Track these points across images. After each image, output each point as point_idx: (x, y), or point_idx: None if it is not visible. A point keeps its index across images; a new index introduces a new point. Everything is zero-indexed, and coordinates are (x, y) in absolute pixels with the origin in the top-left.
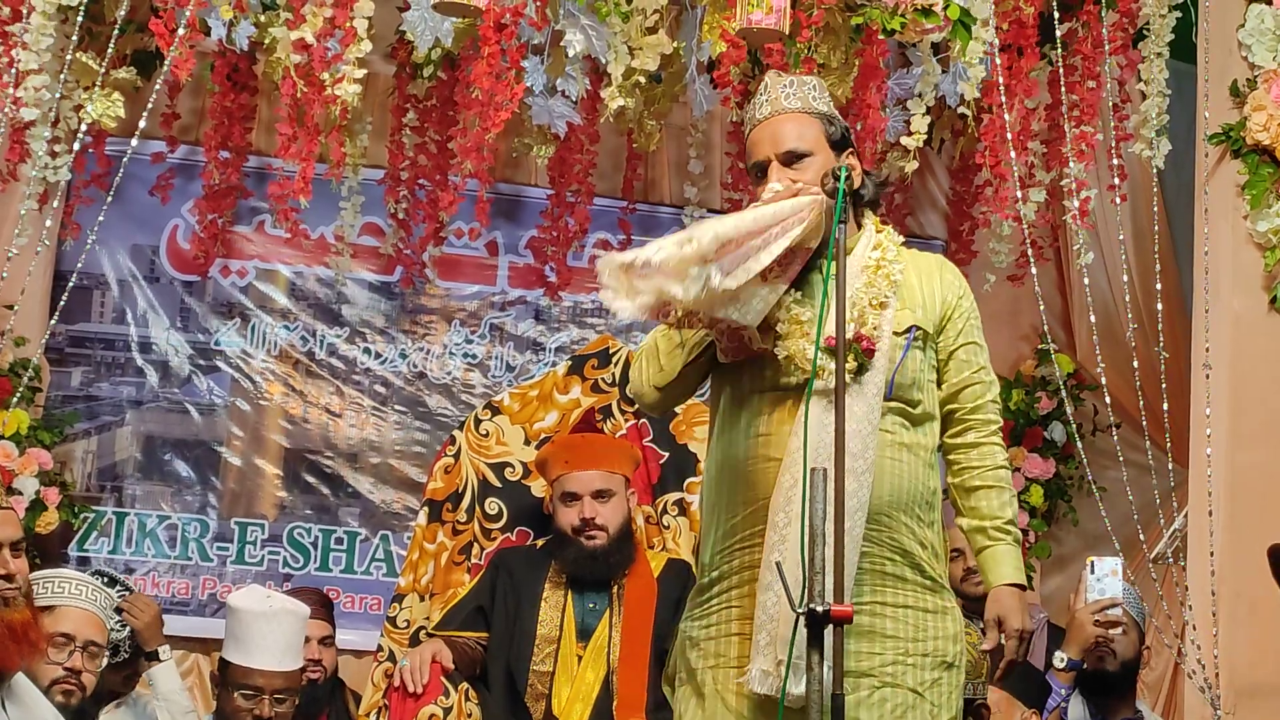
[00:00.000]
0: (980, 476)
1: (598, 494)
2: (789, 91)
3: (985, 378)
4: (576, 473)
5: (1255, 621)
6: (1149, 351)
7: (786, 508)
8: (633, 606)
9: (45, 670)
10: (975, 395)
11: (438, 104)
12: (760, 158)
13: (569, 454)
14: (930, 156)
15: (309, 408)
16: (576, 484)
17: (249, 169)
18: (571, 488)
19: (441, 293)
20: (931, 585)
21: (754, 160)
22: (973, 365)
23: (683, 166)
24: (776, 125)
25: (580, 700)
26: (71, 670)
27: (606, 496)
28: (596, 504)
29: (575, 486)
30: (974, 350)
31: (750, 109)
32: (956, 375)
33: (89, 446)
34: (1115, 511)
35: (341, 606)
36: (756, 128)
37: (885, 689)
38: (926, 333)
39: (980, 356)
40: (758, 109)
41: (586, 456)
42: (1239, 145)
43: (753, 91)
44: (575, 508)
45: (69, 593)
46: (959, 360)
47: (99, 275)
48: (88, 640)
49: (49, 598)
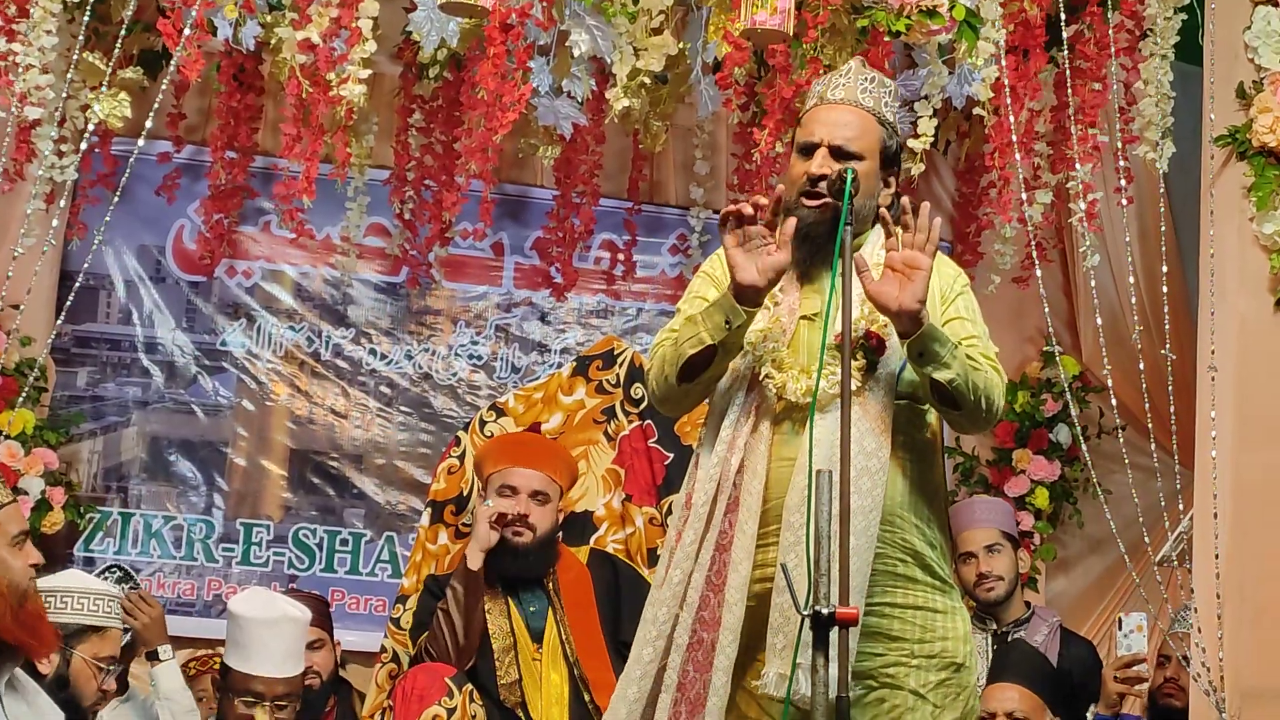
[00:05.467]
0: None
1: (535, 494)
2: (868, 88)
3: (977, 343)
4: (519, 469)
5: (1261, 624)
6: (1154, 354)
7: (801, 508)
8: (572, 597)
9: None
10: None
11: (443, 104)
12: (815, 139)
13: (515, 450)
14: (935, 158)
15: (314, 408)
16: (518, 479)
17: (255, 169)
18: (512, 481)
19: (447, 293)
20: (941, 586)
21: (806, 139)
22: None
23: (688, 167)
24: (843, 113)
25: (554, 702)
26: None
27: (543, 500)
28: (532, 503)
29: (516, 481)
30: (962, 324)
31: (822, 83)
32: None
33: (95, 447)
34: (1120, 514)
35: (346, 608)
36: (823, 106)
37: (884, 690)
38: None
39: (970, 328)
40: (831, 89)
41: (532, 456)
42: (1245, 147)
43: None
44: (510, 501)
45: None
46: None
47: (105, 275)
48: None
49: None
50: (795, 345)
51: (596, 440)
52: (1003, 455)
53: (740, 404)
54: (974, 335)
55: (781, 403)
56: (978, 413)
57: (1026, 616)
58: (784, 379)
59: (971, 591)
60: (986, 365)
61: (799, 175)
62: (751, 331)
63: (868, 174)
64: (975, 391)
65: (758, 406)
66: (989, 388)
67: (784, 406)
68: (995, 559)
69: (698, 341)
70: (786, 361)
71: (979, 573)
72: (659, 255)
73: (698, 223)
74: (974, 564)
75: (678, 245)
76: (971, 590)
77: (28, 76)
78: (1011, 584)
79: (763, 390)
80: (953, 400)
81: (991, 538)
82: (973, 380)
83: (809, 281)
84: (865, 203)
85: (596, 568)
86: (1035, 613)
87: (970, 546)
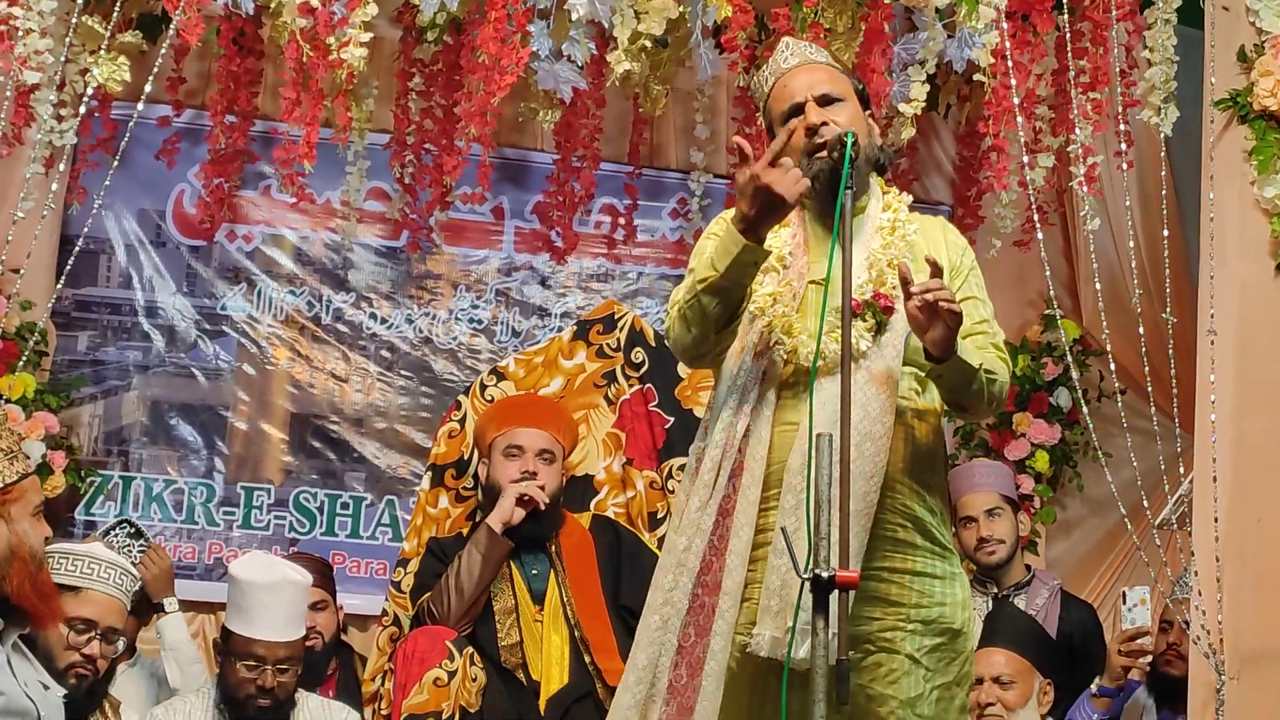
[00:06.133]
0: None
1: (542, 453)
2: (815, 49)
3: (988, 329)
4: (524, 429)
5: (1261, 587)
6: (1155, 317)
7: (802, 472)
8: (574, 560)
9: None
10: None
11: (443, 68)
12: (798, 99)
13: (519, 411)
14: (936, 122)
15: (315, 373)
16: (524, 439)
17: (255, 133)
18: (519, 441)
19: (447, 258)
20: (940, 551)
21: (790, 103)
22: (974, 318)
23: (689, 131)
24: (809, 71)
25: (555, 663)
26: (88, 657)
27: (549, 459)
28: (539, 462)
29: (523, 441)
30: (976, 305)
31: (771, 65)
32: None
33: (95, 411)
34: (1120, 477)
35: (347, 571)
36: (786, 75)
37: (880, 654)
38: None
39: (983, 310)
40: (783, 60)
41: (536, 416)
42: (1246, 111)
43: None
44: (518, 461)
45: (97, 576)
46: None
47: (105, 240)
48: (108, 627)
49: (75, 577)
50: (804, 310)
51: (597, 404)
52: (1003, 419)
53: (749, 370)
54: (985, 320)
55: (790, 367)
56: (983, 414)
57: (1027, 580)
58: (794, 344)
59: (972, 555)
60: (999, 366)
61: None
62: (760, 296)
63: (855, 116)
64: (990, 402)
65: (765, 372)
66: (1000, 391)
67: (792, 371)
68: (996, 523)
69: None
70: (796, 327)
71: (980, 537)
72: (659, 219)
73: (698, 187)
74: (975, 528)
75: (678, 209)
76: (972, 554)
77: (27, 40)
78: (1012, 547)
79: (771, 356)
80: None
81: (992, 502)
82: (988, 393)
83: (818, 244)
84: (868, 145)
85: (598, 532)
86: (1035, 576)
87: (971, 511)
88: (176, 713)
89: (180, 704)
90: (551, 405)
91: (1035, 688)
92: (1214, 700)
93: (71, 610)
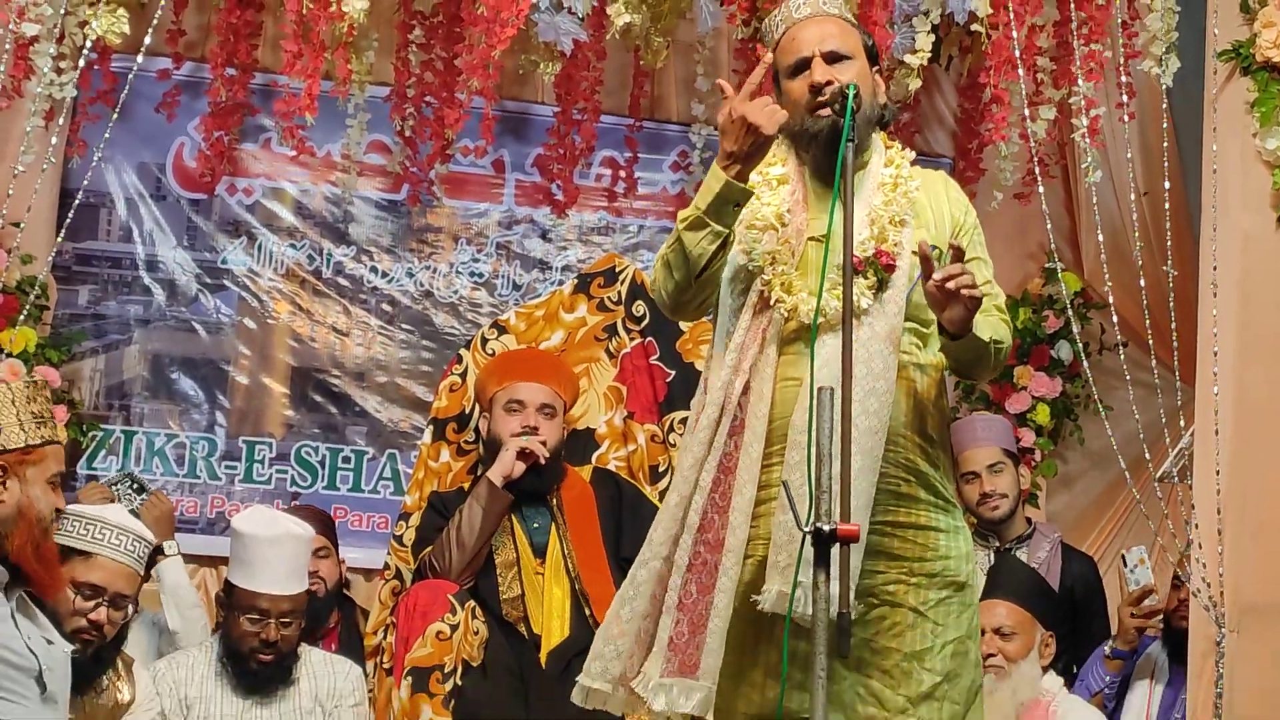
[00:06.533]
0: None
1: (543, 407)
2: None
3: (990, 290)
4: (525, 383)
5: (1261, 540)
6: (1156, 270)
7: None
8: (575, 513)
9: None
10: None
11: (444, 20)
12: (805, 53)
13: (519, 366)
14: (938, 74)
15: (316, 326)
16: (525, 393)
17: (255, 86)
18: (520, 396)
19: (448, 211)
20: (943, 505)
21: (797, 56)
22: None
23: (690, 83)
24: (820, 25)
25: (555, 617)
26: (94, 623)
27: (550, 413)
28: (540, 417)
29: (523, 395)
30: (979, 265)
31: (783, 11)
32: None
33: (96, 365)
34: (1121, 430)
35: (349, 525)
36: (796, 26)
37: (884, 607)
38: (940, 251)
39: (985, 271)
40: (794, 9)
41: (536, 370)
42: (1249, 62)
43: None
44: (519, 416)
45: (108, 542)
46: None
47: (105, 193)
48: (116, 593)
49: (86, 541)
50: (804, 267)
51: (598, 358)
52: (1004, 372)
53: (747, 327)
54: (988, 280)
55: (791, 323)
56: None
57: (1028, 533)
58: (794, 301)
59: (975, 510)
60: (1004, 332)
61: (799, 93)
62: (759, 254)
63: (862, 74)
64: (996, 368)
65: (765, 329)
66: (1003, 355)
67: (793, 328)
68: (999, 478)
69: (715, 236)
70: (796, 284)
71: (983, 492)
72: (660, 172)
73: (699, 139)
74: (978, 483)
75: (679, 162)
76: (975, 509)
77: None
78: (1015, 502)
79: (771, 313)
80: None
81: (994, 456)
82: (995, 361)
83: (818, 201)
84: (871, 103)
85: (599, 485)
86: (1036, 529)
87: (973, 466)
88: (180, 666)
89: (184, 658)
90: (552, 359)
91: (1037, 640)
92: (1214, 653)
93: (80, 575)
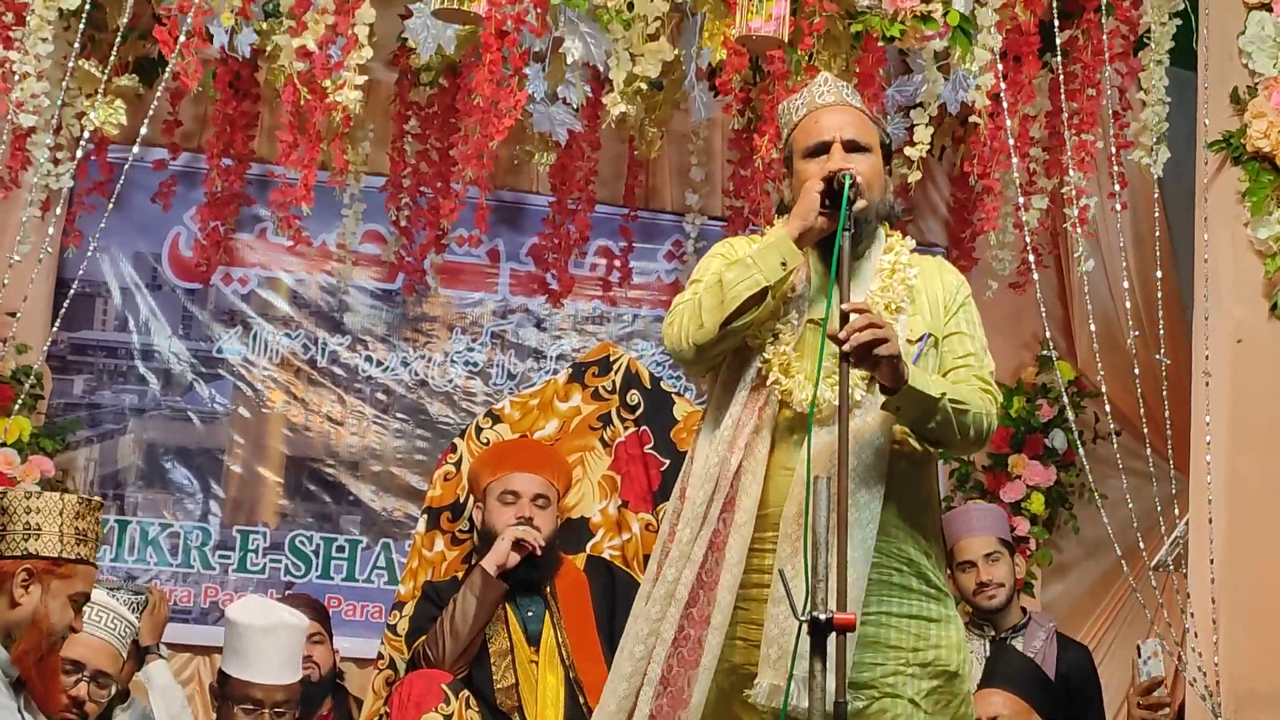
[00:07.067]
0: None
1: (537, 498)
2: (850, 92)
3: (972, 363)
4: (519, 474)
5: (1256, 628)
6: (1150, 359)
7: (798, 519)
8: (569, 602)
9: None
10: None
11: (439, 111)
12: (826, 137)
13: (512, 456)
14: (931, 163)
15: (311, 415)
16: (519, 484)
17: (251, 176)
18: (514, 486)
19: (443, 300)
20: (935, 594)
21: (817, 140)
22: (956, 353)
23: (684, 173)
24: (844, 113)
25: (550, 705)
26: (75, 699)
27: (544, 504)
28: (534, 507)
29: (518, 486)
30: (961, 340)
31: (805, 96)
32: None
33: (91, 454)
34: (1116, 519)
35: (343, 615)
36: (820, 110)
37: (885, 699)
38: (937, 339)
39: (969, 344)
40: (819, 95)
41: (530, 460)
42: (1239, 152)
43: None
44: (513, 507)
45: (89, 619)
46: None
47: (101, 283)
48: (97, 670)
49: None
50: (803, 349)
51: (592, 446)
52: (998, 460)
53: (743, 403)
54: (970, 353)
55: (786, 411)
56: (966, 447)
57: (1024, 622)
58: (790, 385)
59: (972, 599)
60: (975, 398)
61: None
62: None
63: (876, 169)
64: (966, 433)
65: (761, 408)
66: (976, 422)
67: (789, 417)
68: (995, 567)
69: (754, 283)
70: (794, 366)
71: (979, 581)
72: (655, 261)
73: (693, 229)
74: (974, 572)
75: (673, 251)
76: (972, 598)
77: (24, 84)
78: (1011, 590)
79: (768, 392)
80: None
81: (990, 546)
82: (958, 424)
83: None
84: (881, 198)
85: (593, 573)
86: (1032, 618)
87: (969, 555)
88: None
89: None
90: (545, 449)
91: None
92: None
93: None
